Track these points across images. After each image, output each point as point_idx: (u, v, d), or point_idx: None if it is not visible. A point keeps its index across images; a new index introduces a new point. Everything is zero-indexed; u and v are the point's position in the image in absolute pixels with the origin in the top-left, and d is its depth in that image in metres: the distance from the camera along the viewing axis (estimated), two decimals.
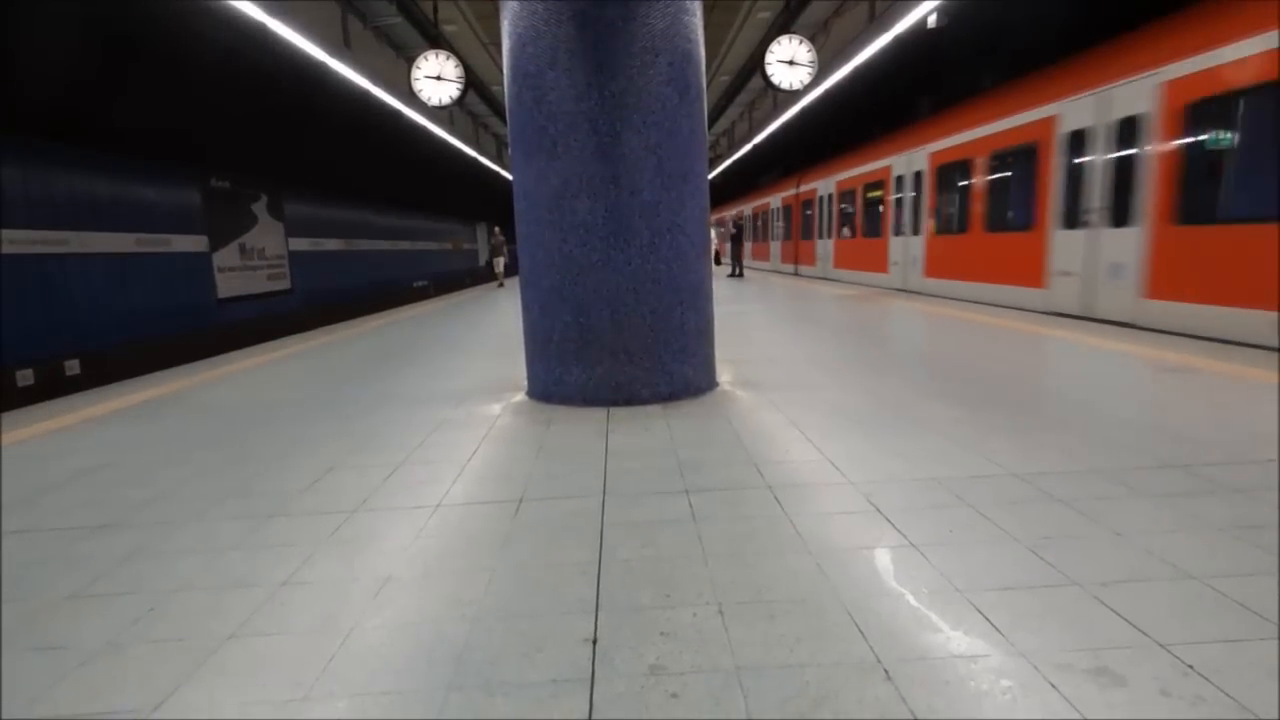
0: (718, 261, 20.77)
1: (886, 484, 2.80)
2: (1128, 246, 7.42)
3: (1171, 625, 1.72)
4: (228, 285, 14.17)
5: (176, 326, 12.16)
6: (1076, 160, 8.32)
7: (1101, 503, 2.51)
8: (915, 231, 12.94)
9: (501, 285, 20.15)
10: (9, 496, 3.12)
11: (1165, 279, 7.03)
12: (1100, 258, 7.88)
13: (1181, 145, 6.81)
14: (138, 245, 11.66)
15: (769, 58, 8.94)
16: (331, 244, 19.52)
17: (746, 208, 26.86)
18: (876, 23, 9.87)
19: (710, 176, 5.17)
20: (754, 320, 8.86)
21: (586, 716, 1.48)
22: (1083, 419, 3.61)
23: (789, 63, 8.97)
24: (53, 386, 8.85)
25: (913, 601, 1.89)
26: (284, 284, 16.54)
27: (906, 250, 13.29)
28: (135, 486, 3.19)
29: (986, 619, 1.78)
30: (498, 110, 18.60)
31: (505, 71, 4.48)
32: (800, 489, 2.80)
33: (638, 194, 4.22)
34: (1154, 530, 2.27)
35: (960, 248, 11.23)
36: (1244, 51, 6.14)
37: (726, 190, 32.03)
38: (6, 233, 9.01)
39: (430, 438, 3.83)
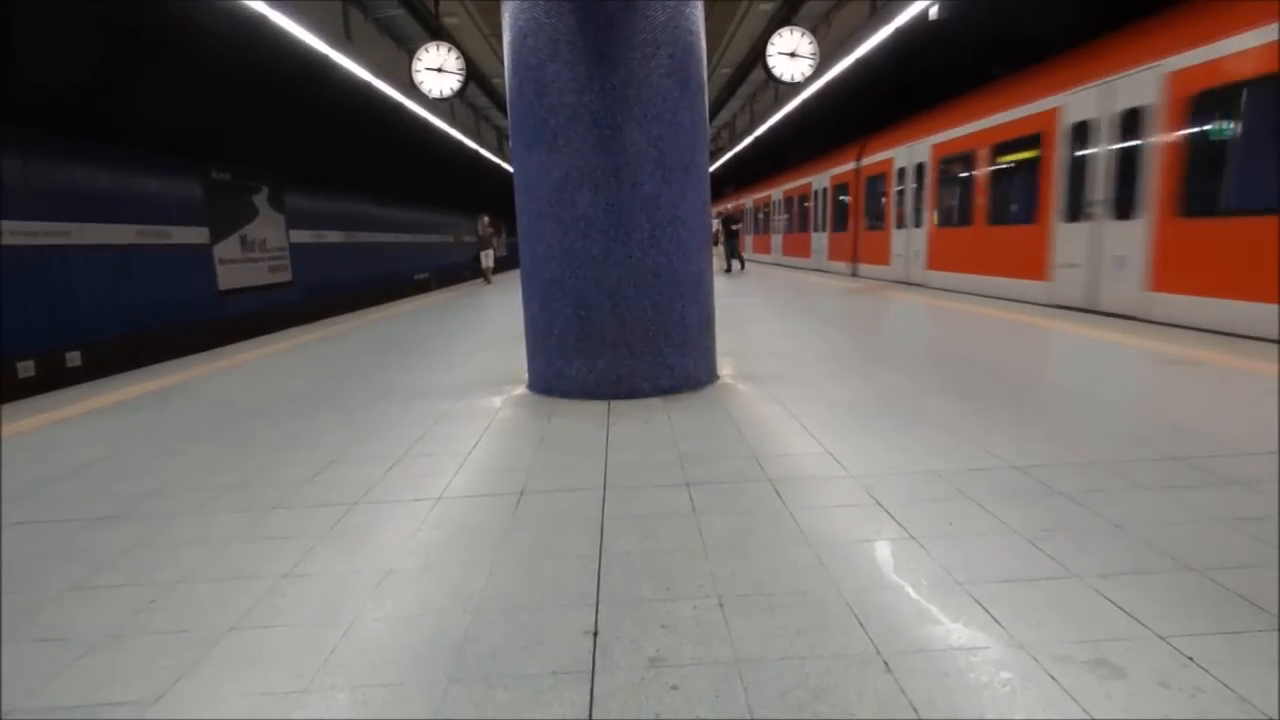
0: (736, 254, 19.40)
1: (887, 477, 2.80)
2: None
3: (1171, 617, 1.72)
4: (229, 277, 14.17)
5: (177, 318, 12.17)
6: None
7: (1101, 495, 2.51)
8: (1129, 214, 7.29)
9: (489, 282, 17.58)
10: (10, 488, 3.13)
11: None
12: None
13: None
14: (139, 237, 11.65)
15: (770, 50, 8.90)
16: (333, 236, 19.51)
17: (776, 191, 22.75)
18: (878, 15, 9.82)
19: (711, 169, 5.16)
20: (754, 314, 8.85)
21: (587, 708, 1.48)
22: (1083, 411, 3.61)
23: (790, 55, 8.93)
24: (54, 378, 8.87)
25: (912, 594, 1.89)
26: (285, 276, 16.54)
27: (1100, 243, 7.81)
28: (136, 478, 3.20)
29: (986, 611, 1.78)
30: (499, 102, 18.53)
31: (506, 64, 4.46)
32: (801, 482, 2.80)
33: (639, 187, 4.20)
34: (1154, 522, 2.27)
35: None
36: None
37: (747, 174, 29.41)
38: (7, 224, 9.01)
39: (431, 430, 3.83)
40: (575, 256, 4.27)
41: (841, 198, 15.74)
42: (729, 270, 18.09)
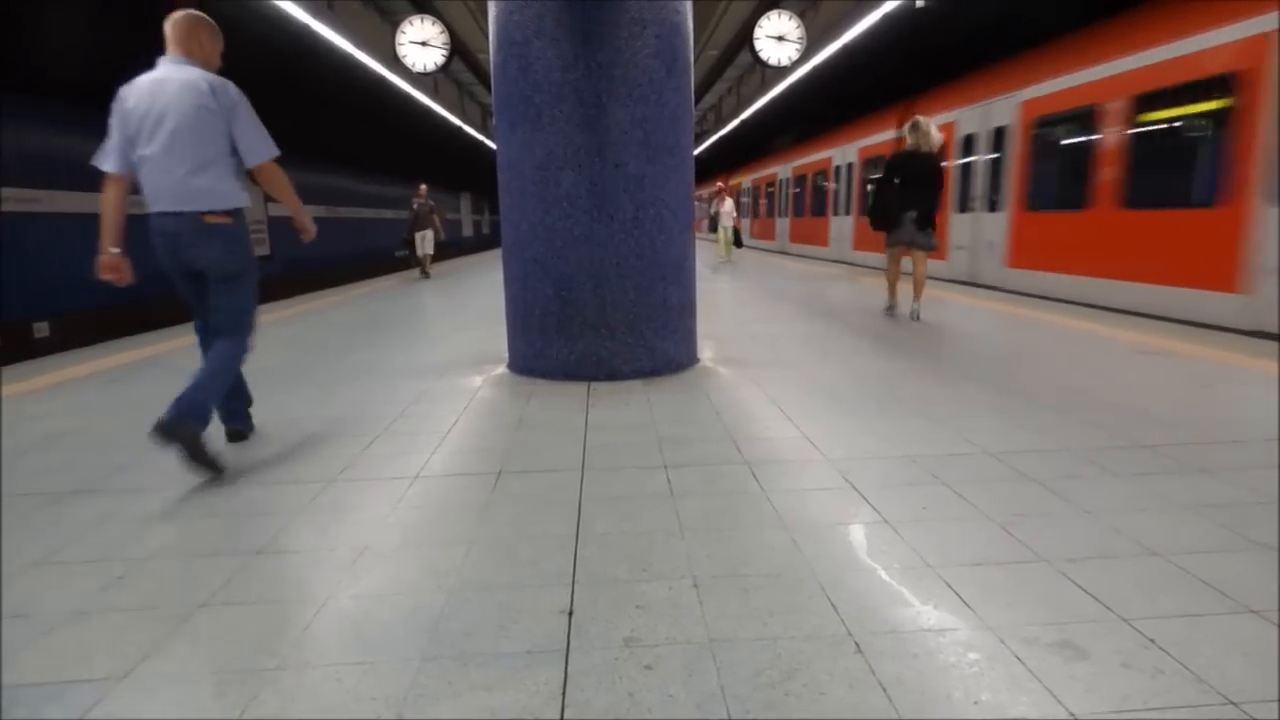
0: (738, 243, 17.35)
1: (863, 461, 2.83)
2: None
3: (1135, 600, 1.76)
4: None
5: (152, 290, 11.91)
6: None
7: (1072, 481, 2.56)
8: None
9: (427, 276, 13.53)
10: None
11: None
12: None
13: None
14: None
15: (758, 33, 8.85)
16: (312, 210, 19.15)
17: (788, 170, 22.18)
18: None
19: (696, 152, 5.15)
20: (736, 297, 8.86)
21: (561, 687, 1.49)
22: (1058, 399, 3.66)
23: (778, 38, 8.89)
24: (20, 349, 8.65)
25: (885, 577, 1.91)
26: (263, 250, 16.25)
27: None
28: (106, 452, 3.14)
29: (956, 594, 1.81)
30: (483, 78, 18.28)
31: (491, 39, 4.38)
32: (777, 465, 2.82)
33: (623, 167, 4.17)
34: (1122, 509, 2.31)
35: None
36: None
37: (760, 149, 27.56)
38: None
39: (410, 409, 3.80)
40: (557, 236, 4.23)
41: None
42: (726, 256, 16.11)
